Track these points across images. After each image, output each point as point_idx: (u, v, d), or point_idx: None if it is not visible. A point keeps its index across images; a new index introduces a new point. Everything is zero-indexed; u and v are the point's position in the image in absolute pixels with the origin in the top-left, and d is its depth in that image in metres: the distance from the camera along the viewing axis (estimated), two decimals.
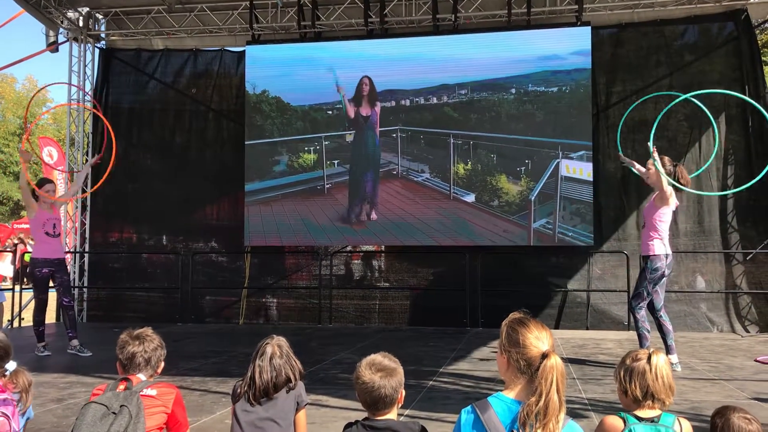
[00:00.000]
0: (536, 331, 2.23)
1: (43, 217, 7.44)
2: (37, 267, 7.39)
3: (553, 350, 2.19)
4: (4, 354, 3.22)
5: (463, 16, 10.69)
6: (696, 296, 9.93)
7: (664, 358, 2.55)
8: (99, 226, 11.88)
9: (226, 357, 7.20)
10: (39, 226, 7.40)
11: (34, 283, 7.50)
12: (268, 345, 3.42)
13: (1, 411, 2.84)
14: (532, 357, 2.17)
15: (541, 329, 2.25)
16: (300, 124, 11.03)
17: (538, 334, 2.22)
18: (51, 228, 7.50)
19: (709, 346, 7.97)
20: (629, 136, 10.40)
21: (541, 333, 2.23)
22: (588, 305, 10.15)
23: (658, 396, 2.48)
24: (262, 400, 3.26)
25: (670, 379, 2.51)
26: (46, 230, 7.42)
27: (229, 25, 11.41)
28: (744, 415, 2.39)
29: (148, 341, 3.33)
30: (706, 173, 10.00)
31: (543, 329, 2.25)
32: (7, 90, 36.66)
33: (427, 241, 10.52)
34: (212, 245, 11.82)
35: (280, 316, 11.30)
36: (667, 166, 6.38)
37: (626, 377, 2.54)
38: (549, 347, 2.19)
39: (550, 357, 2.15)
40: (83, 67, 11.86)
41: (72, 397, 5.09)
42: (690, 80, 10.24)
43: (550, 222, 10.18)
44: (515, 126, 10.38)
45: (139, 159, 11.96)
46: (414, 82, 10.64)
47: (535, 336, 2.21)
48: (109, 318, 11.27)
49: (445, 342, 8.42)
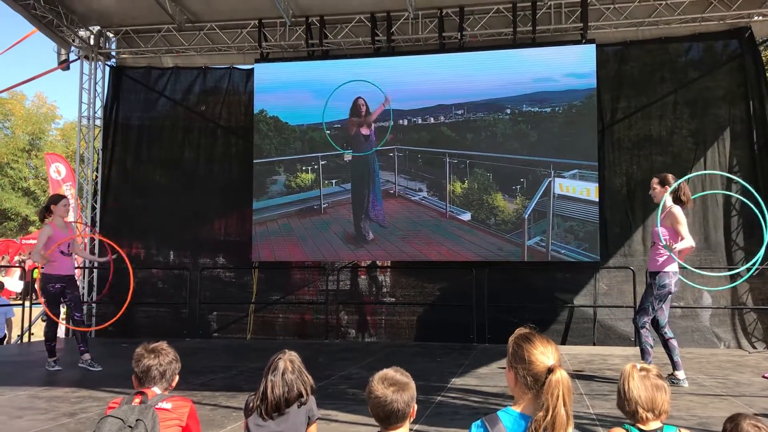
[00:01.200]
0: (541, 347, 2.26)
1: (59, 237, 7.51)
2: (50, 283, 7.45)
3: (558, 365, 2.21)
4: None
5: (469, 35, 10.81)
6: (702, 312, 9.94)
7: (637, 371, 2.52)
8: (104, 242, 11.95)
9: (235, 372, 7.24)
10: (54, 244, 7.45)
11: (47, 299, 7.55)
12: (281, 360, 3.46)
13: None
14: (538, 372, 2.21)
15: (547, 344, 2.28)
16: (298, 144, 11.17)
17: (543, 349, 2.25)
18: (66, 247, 7.58)
19: (716, 362, 7.97)
20: (634, 151, 10.49)
21: (547, 348, 2.26)
22: (595, 321, 10.17)
23: (649, 407, 2.45)
24: (274, 414, 3.30)
25: (651, 391, 2.47)
26: (61, 249, 7.49)
27: (238, 43, 11.56)
28: (755, 422, 2.42)
29: (164, 355, 3.37)
30: (710, 188, 10.05)
31: (548, 344, 2.28)
32: (17, 107, 36.95)
33: (432, 256, 10.58)
34: (219, 260, 11.90)
35: (287, 332, 11.35)
36: (670, 183, 6.42)
37: (619, 391, 2.57)
38: (555, 362, 2.22)
39: (556, 372, 2.18)
40: (94, 84, 12.02)
41: (84, 412, 5.14)
42: (695, 96, 10.33)
43: (543, 240, 10.24)
44: (511, 145, 10.48)
45: (148, 175, 12.08)
46: (418, 101, 10.78)
47: (540, 351, 2.24)
48: (116, 333, 11.33)
49: (452, 357, 8.44)
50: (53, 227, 7.53)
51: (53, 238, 7.48)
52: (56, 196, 8.17)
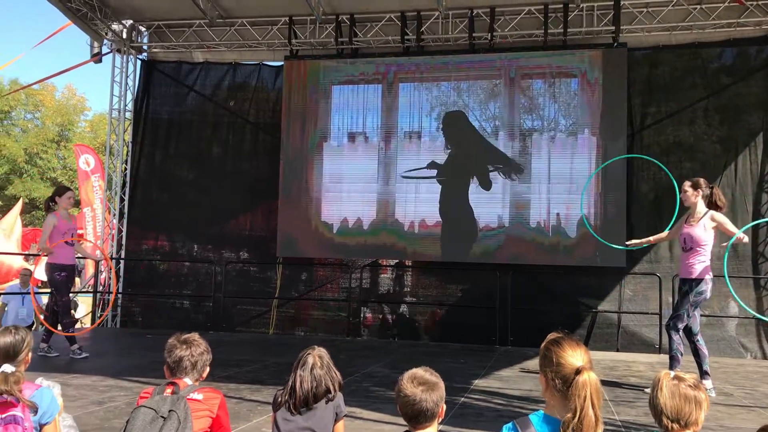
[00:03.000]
0: (570, 350, 2.25)
1: (64, 227, 7.69)
2: (57, 271, 7.64)
3: (588, 367, 2.20)
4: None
5: (499, 35, 10.76)
6: (728, 321, 9.82)
7: (669, 379, 2.49)
8: (134, 233, 12.11)
9: (259, 366, 7.29)
10: (59, 235, 7.62)
11: (56, 287, 7.71)
12: (310, 355, 3.48)
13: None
14: (567, 374, 2.20)
15: (576, 347, 2.27)
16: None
17: (572, 352, 2.24)
18: (70, 237, 7.75)
19: (743, 373, 7.86)
20: (662, 157, 10.35)
21: (576, 350, 2.25)
22: (619, 327, 10.08)
23: (674, 417, 2.36)
24: (302, 409, 3.32)
25: (679, 401, 2.38)
26: (65, 239, 7.66)
27: (268, 39, 11.63)
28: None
29: (195, 346, 3.41)
30: (741, 198, 9.93)
31: (578, 347, 2.27)
32: (48, 98, 37.52)
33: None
34: (243, 255, 11.99)
35: (308, 328, 11.40)
36: (703, 188, 6.35)
37: (650, 397, 2.52)
38: (584, 363, 2.21)
39: (583, 373, 2.16)
40: (125, 77, 12.17)
41: (112, 401, 5.21)
42: (726, 102, 10.19)
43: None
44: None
45: (175, 169, 12.20)
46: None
47: (569, 354, 2.24)
48: (141, 324, 11.47)
49: (474, 359, 8.42)
50: (58, 217, 7.69)
51: (58, 228, 7.64)
52: (62, 187, 8.25)
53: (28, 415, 2.85)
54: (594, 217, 10.20)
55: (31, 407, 2.87)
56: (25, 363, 3.15)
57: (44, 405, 2.98)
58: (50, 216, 7.75)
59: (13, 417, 2.79)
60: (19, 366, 3.06)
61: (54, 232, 7.62)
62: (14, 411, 2.81)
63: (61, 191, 7.96)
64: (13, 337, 3.08)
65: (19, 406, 2.82)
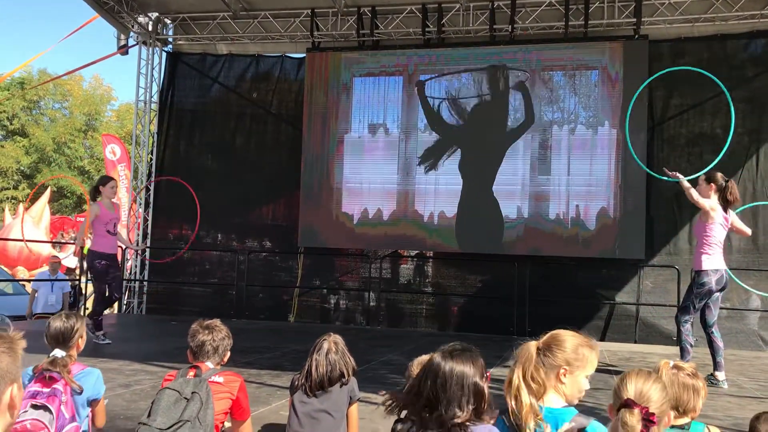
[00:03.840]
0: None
1: (107, 217, 7.83)
2: (97, 259, 7.79)
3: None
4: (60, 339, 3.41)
5: (520, 27, 10.79)
6: (748, 314, 9.81)
7: (669, 368, 2.58)
8: (159, 222, 12.37)
9: (279, 353, 7.48)
10: (102, 224, 7.77)
11: (95, 275, 7.91)
12: (325, 341, 3.64)
13: (32, 417, 2.93)
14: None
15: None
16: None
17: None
18: (112, 227, 7.89)
19: (759, 366, 7.88)
20: (686, 149, 10.35)
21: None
22: (637, 318, 10.13)
23: (673, 405, 2.43)
24: (317, 392, 3.49)
25: (678, 389, 2.52)
26: (107, 228, 7.81)
27: (291, 32, 11.77)
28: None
29: (217, 331, 3.59)
30: (761, 188, 9.88)
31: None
32: (75, 88, 38.12)
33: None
34: (266, 244, 12.19)
35: (329, 317, 11.59)
36: (719, 181, 6.38)
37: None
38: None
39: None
40: (151, 69, 12.40)
41: (138, 384, 5.42)
42: (751, 95, 10.11)
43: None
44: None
45: (199, 159, 12.42)
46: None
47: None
48: (166, 311, 11.74)
49: (491, 349, 8.49)
50: (101, 207, 7.84)
51: (100, 217, 7.81)
52: (105, 177, 8.42)
53: (68, 390, 3.06)
54: (613, 209, 10.22)
55: (75, 388, 3.09)
56: (76, 348, 3.40)
57: (90, 383, 3.22)
58: (93, 205, 7.90)
59: (54, 390, 3.01)
60: (70, 351, 3.31)
61: (96, 221, 7.80)
62: (56, 385, 3.03)
63: (105, 180, 8.08)
64: (64, 324, 3.33)
65: (60, 381, 3.04)
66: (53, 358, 3.19)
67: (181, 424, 3.07)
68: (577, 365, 2.37)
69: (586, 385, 2.39)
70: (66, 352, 3.27)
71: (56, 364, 3.14)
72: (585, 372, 2.38)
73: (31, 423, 2.93)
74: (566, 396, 2.38)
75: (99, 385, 3.34)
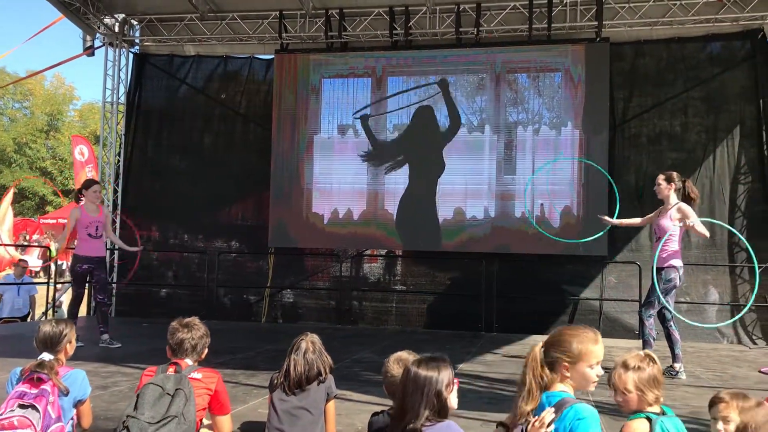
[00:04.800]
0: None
1: (87, 219, 7.83)
2: (78, 263, 7.78)
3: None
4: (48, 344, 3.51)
5: (485, 30, 11.01)
6: (707, 308, 10.19)
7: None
8: (127, 224, 12.30)
9: (253, 353, 7.58)
10: (83, 227, 7.79)
11: (74, 278, 7.90)
12: (303, 341, 3.79)
13: (20, 414, 3.09)
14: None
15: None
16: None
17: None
18: (94, 230, 7.88)
19: (716, 357, 8.22)
20: (647, 147, 10.68)
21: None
22: (600, 313, 10.43)
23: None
24: (296, 390, 3.63)
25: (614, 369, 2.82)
26: (89, 232, 7.81)
27: (259, 33, 11.82)
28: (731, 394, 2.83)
29: (196, 329, 3.72)
30: (718, 188, 10.26)
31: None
32: (37, 87, 37.46)
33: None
34: (234, 244, 12.23)
35: (300, 316, 11.68)
36: (675, 181, 6.67)
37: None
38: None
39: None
40: (118, 70, 12.33)
41: (115, 385, 5.48)
42: (707, 94, 10.49)
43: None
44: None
45: (168, 160, 12.40)
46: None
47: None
48: (136, 313, 11.70)
49: (460, 345, 8.74)
50: (82, 210, 7.85)
51: (81, 220, 7.81)
52: (89, 181, 8.39)
53: (56, 392, 3.17)
54: (577, 207, 10.51)
55: (62, 389, 3.20)
56: (64, 353, 3.52)
57: (77, 384, 3.34)
58: (74, 210, 7.91)
59: (42, 391, 3.12)
60: (58, 355, 3.42)
61: (78, 225, 7.79)
62: (44, 386, 3.14)
63: (88, 184, 8.10)
64: (53, 329, 3.46)
65: (48, 382, 3.15)
66: (41, 360, 3.29)
67: (169, 419, 3.19)
68: (578, 359, 2.63)
69: (593, 376, 2.66)
70: (54, 356, 3.38)
71: (44, 366, 3.24)
72: (587, 363, 2.64)
73: (18, 420, 3.04)
74: (574, 387, 2.66)
75: (85, 386, 3.45)
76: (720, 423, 3.00)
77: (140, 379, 3.66)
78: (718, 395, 3.07)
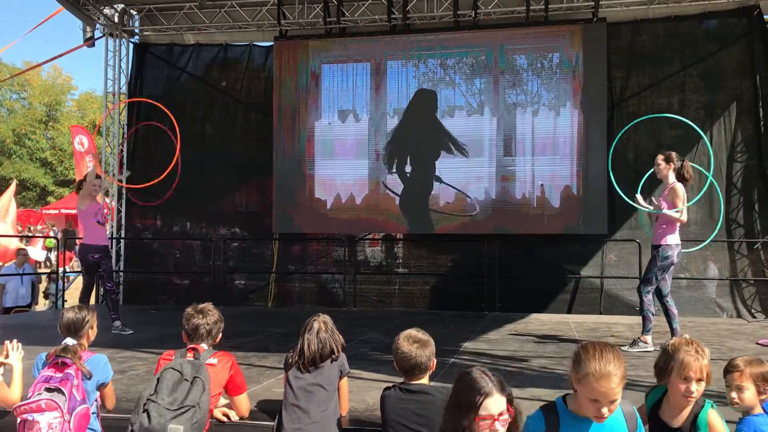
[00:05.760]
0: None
1: (94, 207, 7.97)
2: (89, 253, 7.89)
3: None
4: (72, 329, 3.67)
5: (483, 12, 11.08)
6: (706, 283, 10.36)
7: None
8: (133, 213, 12.46)
9: (262, 336, 7.74)
10: (90, 215, 7.90)
11: (86, 268, 8.04)
12: (315, 321, 3.95)
13: (47, 398, 3.21)
14: None
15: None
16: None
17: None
18: (101, 216, 8.04)
19: (715, 330, 8.39)
20: (646, 126, 10.72)
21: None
22: (602, 291, 10.60)
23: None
24: (310, 368, 3.79)
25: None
26: (97, 219, 7.95)
27: (258, 21, 11.89)
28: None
29: (210, 315, 3.90)
30: (715, 165, 10.36)
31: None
32: (34, 78, 37.45)
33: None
34: (236, 231, 12.37)
35: (306, 300, 11.86)
36: (674, 161, 6.79)
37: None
38: None
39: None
40: (118, 61, 12.42)
41: (132, 369, 5.65)
42: (704, 72, 10.58)
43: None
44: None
45: (170, 149, 12.47)
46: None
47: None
48: (144, 300, 11.88)
49: (464, 324, 8.91)
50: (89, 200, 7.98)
51: (88, 208, 7.92)
52: (90, 171, 8.55)
53: (79, 375, 3.32)
54: (576, 187, 10.64)
55: (85, 373, 3.35)
56: (87, 338, 3.67)
57: (99, 368, 3.49)
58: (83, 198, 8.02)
59: (66, 375, 3.27)
60: (81, 340, 3.58)
61: (84, 214, 7.90)
62: (68, 370, 3.29)
63: (90, 177, 8.18)
64: (76, 315, 3.63)
65: (72, 366, 3.30)
66: (65, 345, 3.45)
67: (187, 408, 3.35)
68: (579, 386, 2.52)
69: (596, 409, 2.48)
70: (77, 341, 3.54)
71: (68, 350, 3.40)
72: (584, 395, 2.47)
73: (45, 403, 3.20)
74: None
75: (107, 370, 3.61)
76: (734, 392, 3.07)
77: (158, 363, 3.82)
78: (733, 362, 3.14)
